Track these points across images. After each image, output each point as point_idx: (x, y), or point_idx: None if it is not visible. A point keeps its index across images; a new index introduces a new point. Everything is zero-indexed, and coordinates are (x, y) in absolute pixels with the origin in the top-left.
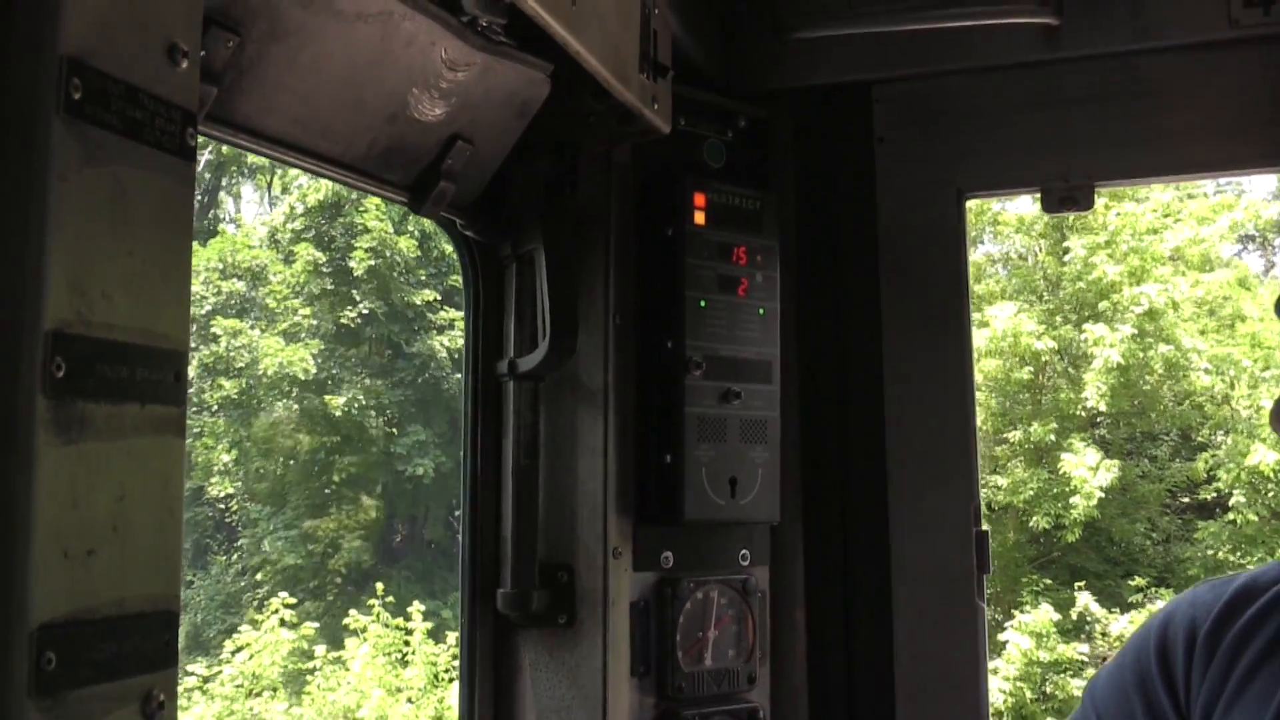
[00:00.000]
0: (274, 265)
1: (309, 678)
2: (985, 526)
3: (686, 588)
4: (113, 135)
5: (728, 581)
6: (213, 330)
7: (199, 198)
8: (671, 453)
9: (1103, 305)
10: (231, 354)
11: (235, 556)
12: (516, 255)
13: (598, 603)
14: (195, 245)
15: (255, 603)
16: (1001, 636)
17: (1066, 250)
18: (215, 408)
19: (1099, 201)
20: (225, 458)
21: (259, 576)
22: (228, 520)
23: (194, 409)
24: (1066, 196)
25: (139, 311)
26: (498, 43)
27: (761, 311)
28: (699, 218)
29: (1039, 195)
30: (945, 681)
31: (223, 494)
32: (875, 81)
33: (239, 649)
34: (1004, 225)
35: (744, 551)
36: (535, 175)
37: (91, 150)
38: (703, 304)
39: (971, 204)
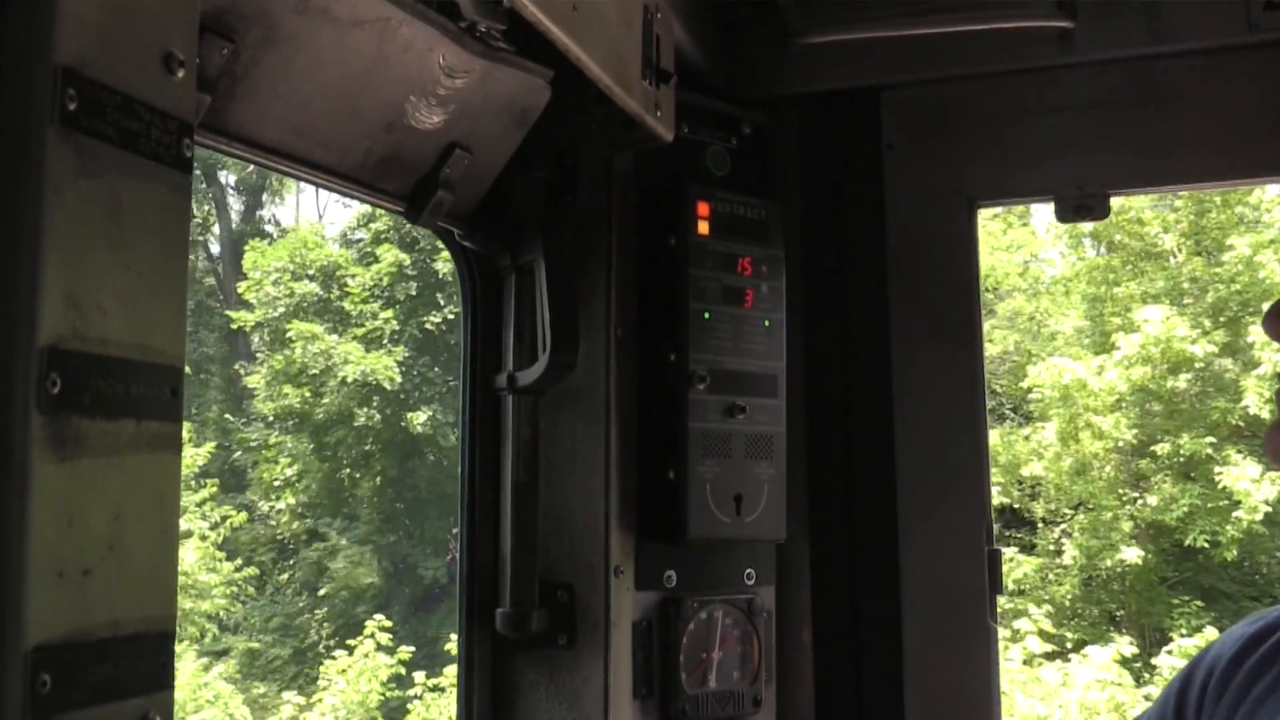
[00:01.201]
0: (349, 267)
1: (409, 706)
2: (998, 546)
3: (690, 607)
4: (108, 146)
5: (732, 601)
6: (287, 334)
7: (245, 199)
8: (674, 469)
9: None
10: (307, 360)
11: (287, 576)
12: (516, 266)
13: (599, 623)
14: (263, 245)
15: (316, 624)
16: (1156, 660)
17: (1228, 248)
18: (271, 418)
19: (1264, 195)
20: (289, 471)
21: (322, 593)
22: (279, 537)
23: (243, 419)
24: (1081, 205)
25: (135, 326)
26: (497, 49)
27: (767, 324)
28: (703, 227)
29: (1052, 204)
30: (957, 705)
31: (278, 508)
32: (883, 87)
33: (340, 672)
34: (1146, 224)
35: (749, 570)
36: (535, 184)
37: (87, 162)
38: (707, 316)
39: (1119, 202)
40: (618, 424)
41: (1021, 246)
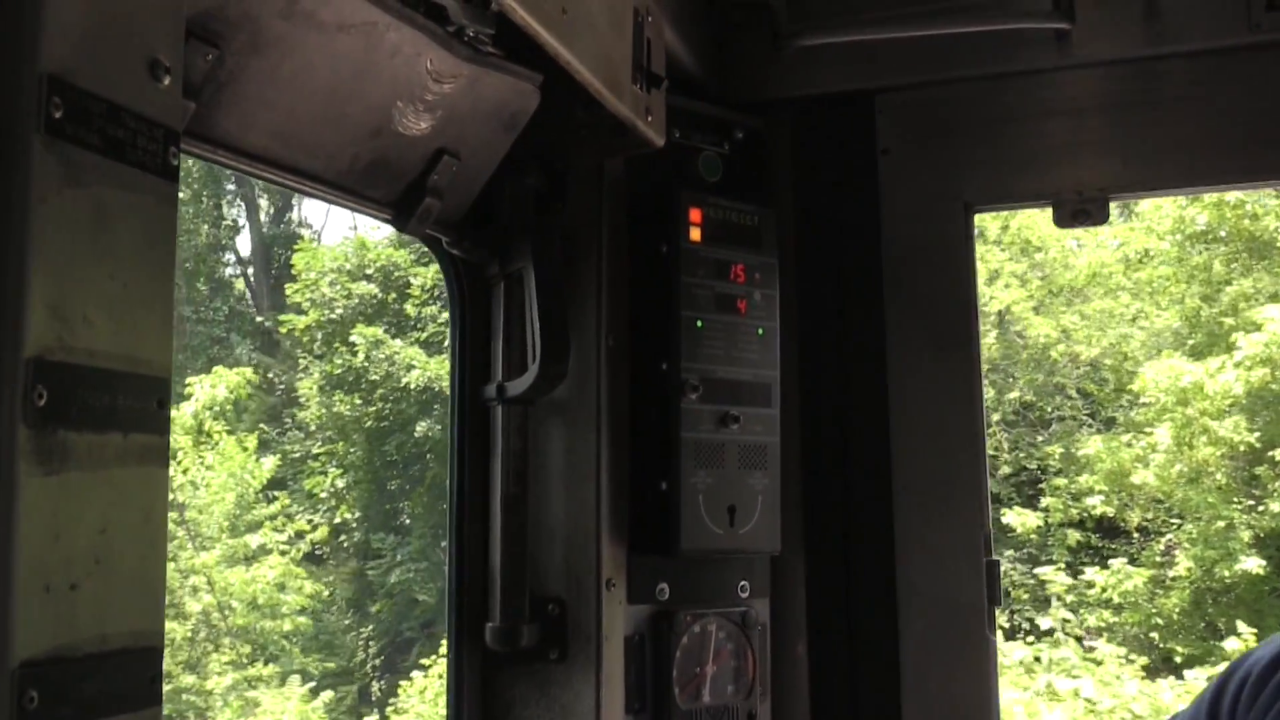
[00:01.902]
0: (409, 267)
1: None
2: (996, 556)
3: (683, 621)
4: (94, 155)
5: (726, 614)
6: (349, 337)
7: (275, 201)
8: (667, 480)
9: None
10: (369, 365)
11: (330, 593)
12: (505, 274)
13: (590, 637)
14: (314, 247)
15: (362, 643)
16: None
17: None
18: (314, 427)
19: None
20: (339, 482)
21: (375, 609)
22: (317, 553)
23: (278, 428)
24: (1079, 210)
25: (121, 337)
26: (485, 53)
27: (760, 331)
28: (695, 234)
29: (1050, 209)
30: (955, 719)
31: (317, 521)
32: (878, 90)
33: (419, 692)
34: (1259, 218)
35: (743, 583)
36: (524, 190)
37: (73, 171)
38: (699, 324)
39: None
40: (609, 434)
41: (1125, 242)
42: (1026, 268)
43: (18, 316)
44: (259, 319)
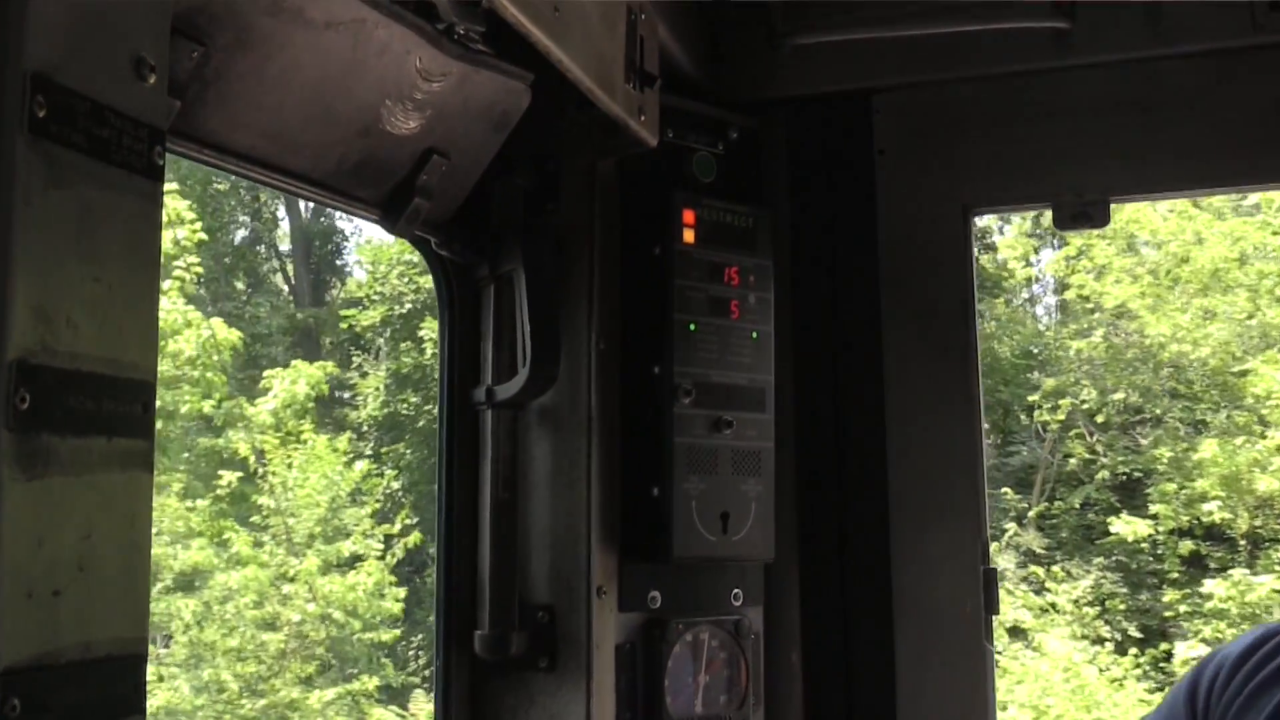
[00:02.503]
0: None
1: None
2: (994, 565)
3: (675, 629)
4: (79, 155)
5: (719, 623)
6: (419, 334)
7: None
8: (659, 485)
9: None
10: (432, 363)
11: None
12: (495, 276)
13: (581, 645)
14: (375, 243)
15: (413, 652)
16: None
17: None
18: (365, 427)
19: None
20: (395, 484)
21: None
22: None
23: (320, 431)
24: (1079, 212)
25: (106, 340)
26: (475, 51)
27: (755, 335)
28: (688, 235)
29: (1050, 211)
30: None
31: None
32: (875, 90)
33: None
34: None
35: (736, 591)
36: (515, 191)
37: (57, 171)
38: (692, 327)
39: None
40: (600, 439)
41: (1241, 238)
42: (1135, 262)
43: (1, 319)
44: (299, 315)
